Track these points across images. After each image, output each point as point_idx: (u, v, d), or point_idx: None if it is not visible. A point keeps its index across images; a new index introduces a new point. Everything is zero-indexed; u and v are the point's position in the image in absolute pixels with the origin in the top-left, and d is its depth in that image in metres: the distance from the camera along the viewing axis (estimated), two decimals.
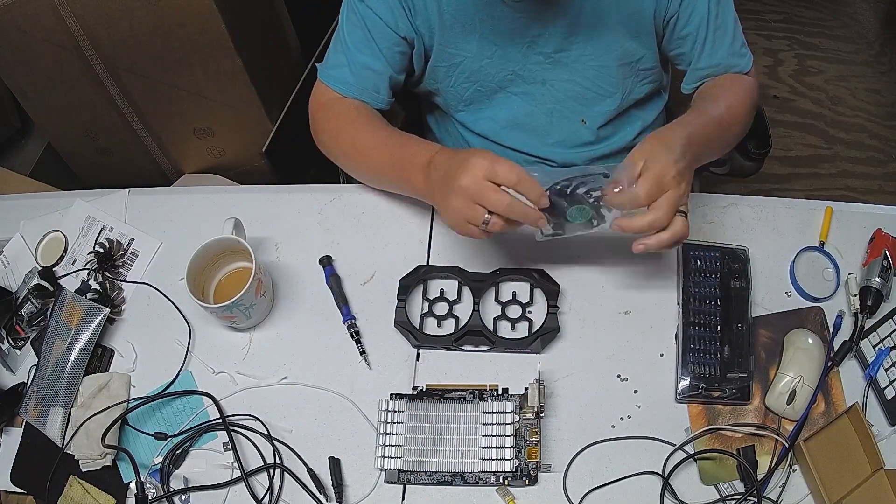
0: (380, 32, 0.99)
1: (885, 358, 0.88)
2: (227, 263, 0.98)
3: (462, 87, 1.06)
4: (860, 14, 2.51)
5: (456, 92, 1.07)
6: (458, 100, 1.09)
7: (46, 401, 0.93)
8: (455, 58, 1.02)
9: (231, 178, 1.68)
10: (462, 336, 0.93)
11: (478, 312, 0.94)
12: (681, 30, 0.98)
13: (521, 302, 0.95)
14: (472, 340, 0.93)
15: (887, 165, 2.13)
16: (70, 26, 1.34)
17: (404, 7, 0.97)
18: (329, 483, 0.86)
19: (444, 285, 0.98)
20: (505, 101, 1.07)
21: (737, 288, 0.92)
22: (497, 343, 0.92)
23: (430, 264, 0.99)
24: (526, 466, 0.85)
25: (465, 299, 0.97)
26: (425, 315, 0.96)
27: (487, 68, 1.02)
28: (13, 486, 0.92)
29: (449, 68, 1.03)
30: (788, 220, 1.00)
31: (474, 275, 0.97)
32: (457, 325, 0.95)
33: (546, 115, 1.08)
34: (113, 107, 1.52)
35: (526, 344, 0.92)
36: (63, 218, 1.09)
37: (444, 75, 1.05)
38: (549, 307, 0.93)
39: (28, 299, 1.01)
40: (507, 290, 0.97)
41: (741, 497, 0.82)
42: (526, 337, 0.92)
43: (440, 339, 0.93)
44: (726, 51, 1.00)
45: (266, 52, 1.57)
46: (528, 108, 1.08)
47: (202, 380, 0.95)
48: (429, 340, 0.94)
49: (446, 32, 0.99)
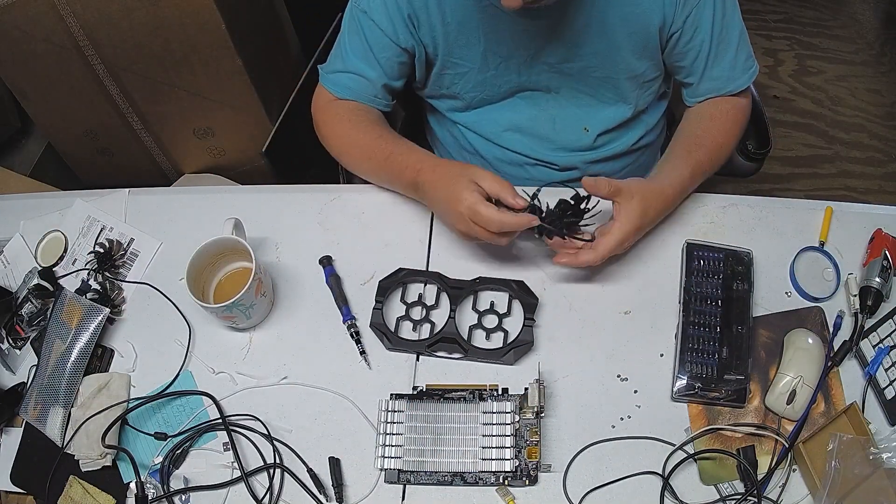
0: (378, 43, 0.99)
1: (884, 357, 0.88)
2: (227, 263, 0.98)
3: (469, 94, 1.07)
4: (860, 14, 2.51)
5: (463, 97, 1.08)
6: (466, 104, 1.09)
7: (46, 401, 0.93)
8: (461, 67, 1.02)
9: (231, 178, 1.68)
10: (436, 342, 0.93)
11: (453, 320, 0.94)
12: (684, 45, 0.98)
13: (498, 312, 0.95)
14: (445, 347, 0.93)
15: (887, 165, 2.13)
16: (70, 26, 1.34)
17: (407, 20, 0.97)
18: (329, 483, 0.86)
19: (423, 290, 0.98)
20: (509, 106, 1.08)
21: (739, 290, 0.92)
22: (470, 352, 0.92)
23: (411, 268, 0.99)
24: (526, 466, 0.85)
25: (442, 305, 0.97)
26: (402, 318, 0.96)
27: (493, 79, 1.03)
28: (13, 486, 0.92)
29: (455, 76, 1.04)
30: (788, 220, 1.00)
31: (453, 281, 0.97)
32: (432, 330, 0.94)
33: (549, 120, 1.09)
34: (113, 107, 1.52)
35: (499, 355, 0.91)
36: (63, 218, 1.09)
37: (450, 82, 1.06)
38: (525, 319, 0.93)
39: (28, 299, 1.01)
40: (486, 300, 0.97)
41: (741, 497, 0.82)
42: (500, 348, 0.92)
43: (414, 343, 0.93)
44: (728, 64, 1.00)
45: (266, 52, 1.58)
46: (531, 114, 1.08)
47: (202, 380, 0.95)
48: (402, 344, 0.93)
49: (451, 44, 0.99)
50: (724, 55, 0.99)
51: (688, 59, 1.00)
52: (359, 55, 1.01)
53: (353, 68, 1.02)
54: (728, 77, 1.01)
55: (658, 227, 1.00)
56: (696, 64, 1.00)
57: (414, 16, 0.96)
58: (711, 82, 1.02)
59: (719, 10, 0.95)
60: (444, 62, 1.02)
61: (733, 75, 1.01)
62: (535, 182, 1.14)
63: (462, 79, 1.04)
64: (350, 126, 1.03)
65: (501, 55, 0.99)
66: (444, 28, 0.97)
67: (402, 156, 0.98)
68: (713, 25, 0.96)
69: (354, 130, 1.03)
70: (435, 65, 1.03)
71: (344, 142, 1.04)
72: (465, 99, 1.08)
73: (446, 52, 1.00)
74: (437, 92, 1.09)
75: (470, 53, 1.00)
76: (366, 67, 1.01)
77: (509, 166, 1.15)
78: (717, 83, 1.02)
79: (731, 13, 0.97)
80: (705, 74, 1.01)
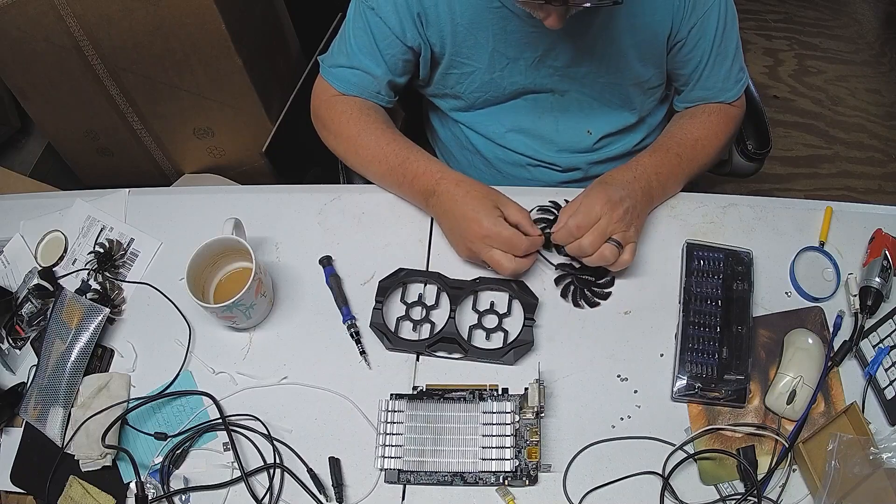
0: (385, 40, 0.99)
1: (884, 358, 0.88)
2: (227, 263, 0.98)
3: (473, 94, 1.06)
4: (860, 14, 2.51)
5: (467, 98, 1.07)
6: (469, 104, 1.09)
7: (46, 401, 0.93)
8: (467, 67, 1.02)
9: (231, 178, 1.68)
10: (436, 342, 0.93)
11: (453, 320, 0.94)
12: (686, 54, 0.99)
13: (498, 312, 0.95)
14: (445, 347, 0.93)
15: (887, 165, 2.13)
16: (70, 26, 1.34)
17: (416, 18, 0.96)
18: (329, 483, 0.86)
19: (423, 290, 0.98)
20: (513, 107, 1.08)
21: (739, 290, 0.92)
22: (470, 352, 0.92)
23: (411, 268, 0.99)
24: (526, 466, 0.85)
25: (442, 305, 0.97)
26: (402, 318, 0.96)
27: (499, 80, 1.03)
28: (13, 486, 0.92)
29: (461, 76, 1.04)
30: (788, 220, 1.00)
31: (453, 281, 0.97)
32: (432, 330, 0.94)
33: (552, 122, 1.09)
34: (113, 107, 1.52)
35: (499, 355, 0.92)
36: (63, 218, 1.09)
37: (455, 81, 1.05)
38: (525, 319, 0.93)
39: (28, 299, 1.01)
40: (486, 300, 0.97)
41: (741, 497, 0.82)
42: (500, 348, 0.92)
43: (414, 343, 0.93)
44: (722, 75, 1.02)
45: (266, 52, 1.58)
46: (535, 115, 1.08)
47: (202, 380, 0.95)
48: (402, 344, 0.93)
49: (459, 44, 0.99)
50: (720, 66, 1.01)
51: (688, 67, 1.01)
52: (364, 51, 1.01)
53: (358, 64, 1.01)
54: (721, 88, 1.03)
55: (658, 227, 1.00)
56: (693, 73, 1.02)
57: (423, 14, 0.96)
58: (704, 91, 1.04)
59: (722, 22, 0.97)
60: (450, 61, 1.02)
61: (726, 86, 1.03)
62: (536, 182, 1.14)
63: (468, 79, 1.04)
64: (360, 127, 1.03)
65: (509, 56, 0.99)
66: (453, 27, 0.97)
67: (419, 162, 0.98)
68: (715, 37, 0.97)
69: (365, 132, 1.02)
70: (440, 64, 1.03)
71: (353, 142, 1.04)
72: (468, 99, 1.08)
73: (454, 52, 1.00)
74: (440, 91, 1.09)
75: (477, 53, 0.99)
76: (371, 64, 1.01)
77: (511, 167, 1.15)
78: (709, 93, 1.04)
79: (731, 25, 0.99)
80: (699, 83, 1.03)
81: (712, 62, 1.00)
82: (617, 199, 0.90)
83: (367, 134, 1.02)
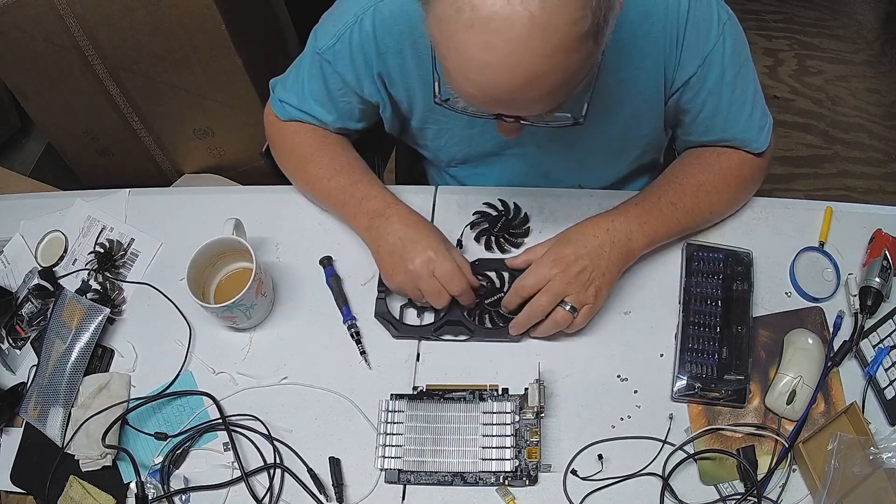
0: (340, 90, 0.94)
1: (884, 358, 0.88)
2: (227, 263, 0.98)
3: (453, 149, 1.02)
4: (860, 14, 2.51)
5: (447, 153, 1.04)
6: (450, 158, 1.06)
7: (46, 401, 0.93)
8: (444, 123, 0.97)
9: (231, 178, 1.68)
10: (441, 326, 0.93)
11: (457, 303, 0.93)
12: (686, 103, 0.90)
13: (499, 290, 0.95)
14: (451, 330, 0.94)
15: (887, 165, 2.13)
16: (70, 26, 1.35)
17: (377, 78, 0.91)
18: (329, 483, 0.86)
19: None
20: (499, 161, 1.03)
21: (739, 290, 0.92)
22: (476, 332, 0.93)
23: None
24: (526, 466, 0.85)
25: None
26: (405, 306, 0.96)
27: (479, 135, 0.97)
28: (13, 486, 0.92)
29: (439, 132, 1.00)
30: (788, 220, 1.00)
31: None
32: (436, 315, 0.94)
33: (542, 176, 1.04)
34: (113, 107, 1.52)
35: (505, 333, 0.92)
36: (63, 218, 1.09)
37: (433, 136, 1.01)
38: None
39: (28, 299, 1.01)
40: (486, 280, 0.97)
41: (741, 497, 0.82)
42: (505, 326, 0.92)
43: (420, 329, 0.94)
44: (742, 124, 0.91)
45: (266, 52, 1.58)
46: (523, 169, 1.03)
47: (202, 380, 0.95)
48: (408, 331, 0.94)
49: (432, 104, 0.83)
50: (737, 115, 0.90)
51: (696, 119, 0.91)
52: (316, 97, 0.96)
53: (308, 110, 0.98)
54: (743, 139, 0.93)
55: None
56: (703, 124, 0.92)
57: (386, 74, 0.90)
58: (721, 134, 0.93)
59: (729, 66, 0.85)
60: (423, 118, 0.97)
61: (748, 136, 0.92)
62: None
63: (446, 134, 0.99)
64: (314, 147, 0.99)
65: None
66: (424, 88, 0.90)
67: (374, 187, 0.95)
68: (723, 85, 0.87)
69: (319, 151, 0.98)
70: (412, 119, 0.98)
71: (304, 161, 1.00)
72: (450, 152, 1.03)
73: (427, 110, 0.94)
74: (420, 142, 1.05)
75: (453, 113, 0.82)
76: (322, 112, 0.97)
77: None
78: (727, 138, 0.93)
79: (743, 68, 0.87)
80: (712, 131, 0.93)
81: (726, 112, 0.89)
82: (572, 258, 0.86)
83: (321, 153, 0.98)
